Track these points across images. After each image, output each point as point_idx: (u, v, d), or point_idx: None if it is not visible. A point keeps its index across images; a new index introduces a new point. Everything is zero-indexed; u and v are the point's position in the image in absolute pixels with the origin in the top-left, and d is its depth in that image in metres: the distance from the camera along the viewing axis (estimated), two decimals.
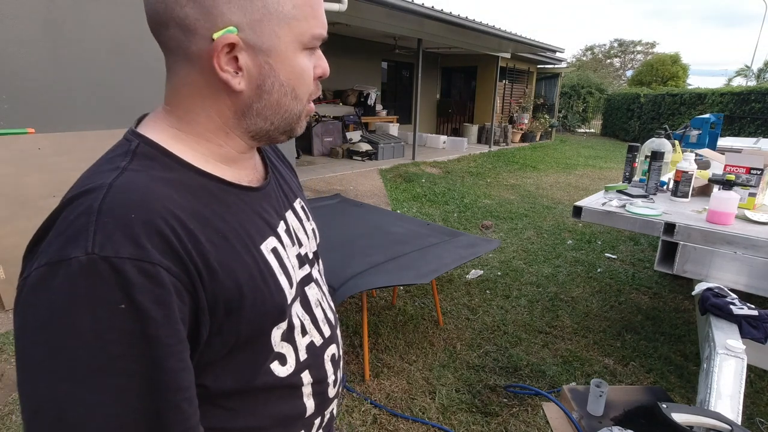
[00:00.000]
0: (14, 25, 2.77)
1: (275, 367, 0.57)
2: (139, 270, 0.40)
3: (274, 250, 0.57)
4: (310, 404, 0.62)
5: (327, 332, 0.66)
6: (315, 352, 0.63)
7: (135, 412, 0.40)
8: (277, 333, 0.56)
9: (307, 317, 0.63)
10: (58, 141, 2.76)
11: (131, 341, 0.40)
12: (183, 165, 0.51)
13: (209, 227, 0.48)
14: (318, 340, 0.64)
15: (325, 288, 0.73)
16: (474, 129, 11.76)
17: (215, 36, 0.47)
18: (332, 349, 0.67)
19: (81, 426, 0.39)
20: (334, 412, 0.72)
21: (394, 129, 9.75)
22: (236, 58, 0.49)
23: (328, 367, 0.65)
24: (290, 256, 0.60)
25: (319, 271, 0.73)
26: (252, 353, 0.54)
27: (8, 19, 2.75)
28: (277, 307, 0.55)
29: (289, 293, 0.57)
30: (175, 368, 0.42)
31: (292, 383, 0.59)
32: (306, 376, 0.61)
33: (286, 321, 0.57)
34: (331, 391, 0.67)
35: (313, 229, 0.72)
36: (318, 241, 0.75)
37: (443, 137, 10.44)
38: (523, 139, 12.65)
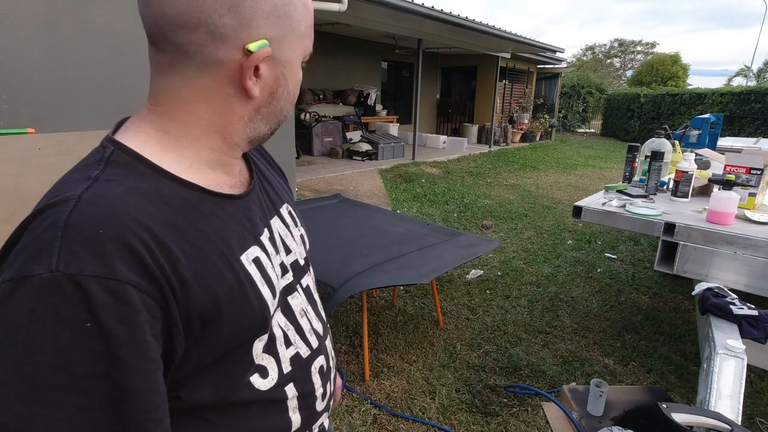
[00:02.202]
0: (14, 25, 2.77)
1: (255, 379, 0.55)
2: (105, 288, 0.39)
3: (257, 260, 0.55)
4: (296, 418, 0.60)
5: (314, 343, 0.64)
6: (301, 365, 0.61)
7: None
8: (258, 345, 0.54)
9: (291, 327, 0.60)
10: (58, 141, 2.75)
11: (95, 361, 0.39)
12: (159, 173, 0.49)
13: (184, 239, 0.47)
14: (304, 352, 0.62)
15: (315, 296, 0.70)
16: (474, 129, 11.76)
17: (252, 48, 0.49)
18: (320, 361, 0.65)
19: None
20: (326, 425, 0.70)
21: (394, 129, 9.75)
22: (258, 67, 0.51)
23: (316, 379, 0.63)
24: (274, 265, 0.59)
25: (311, 278, 0.71)
26: (231, 366, 0.52)
27: (8, 19, 2.75)
28: (259, 319, 0.53)
29: (272, 304, 0.55)
30: (141, 388, 0.41)
31: (275, 397, 0.57)
32: (291, 390, 0.59)
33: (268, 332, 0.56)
34: (320, 405, 0.64)
35: (301, 235, 0.71)
36: (307, 247, 0.73)
37: (443, 137, 10.44)
38: (523, 139, 12.65)
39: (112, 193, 0.44)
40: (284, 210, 0.68)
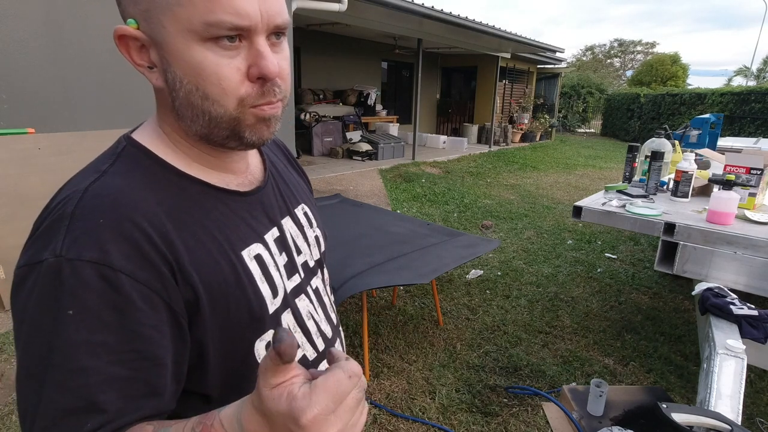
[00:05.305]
0: (14, 24, 2.77)
1: None
2: (100, 275, 0.41)
3: (258, 257, 0.55)
4: None
5: (321, 346, 0.63)
6: (307, 368, 0.60)
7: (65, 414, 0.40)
8: (260, 346, 0.54)
9: (298, 330, 0.60)
10: (58, 141, 2.76)
11: (76, 347, 0.40)
12: (165, 168, 0.51)
13: (185, 230, 0.48)
14: (311, 354, 0.61)
15: (326, 299, 0.70)
16: (474, 129, 11.76)
17: (119, 30, 0.48)
18: (326, 364, 0.64)
19: (26, 418, 0.41)
20: None
21: (394, 129, 9.75)
22: (147, 54, 0.48)
23: None
24: (279, 264, 0.58)
25: (322, 280, 0.70)
26: (239, 369, 0.52)
27: (9, 18, 2.75)
28: (255, 316, 0.53)
29: (272, 303, 0.55)
30: (118, 375, 0.41)
31: None
32: None
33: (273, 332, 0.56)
34: None
35: (316, 237, 0.70)
36: (323, 249, 0.72)
37: (443, 137, 10.44)
38: (523, 139, 12.64)
39: (115, 185, 0.46)
40: (299, 210, 0.67)
